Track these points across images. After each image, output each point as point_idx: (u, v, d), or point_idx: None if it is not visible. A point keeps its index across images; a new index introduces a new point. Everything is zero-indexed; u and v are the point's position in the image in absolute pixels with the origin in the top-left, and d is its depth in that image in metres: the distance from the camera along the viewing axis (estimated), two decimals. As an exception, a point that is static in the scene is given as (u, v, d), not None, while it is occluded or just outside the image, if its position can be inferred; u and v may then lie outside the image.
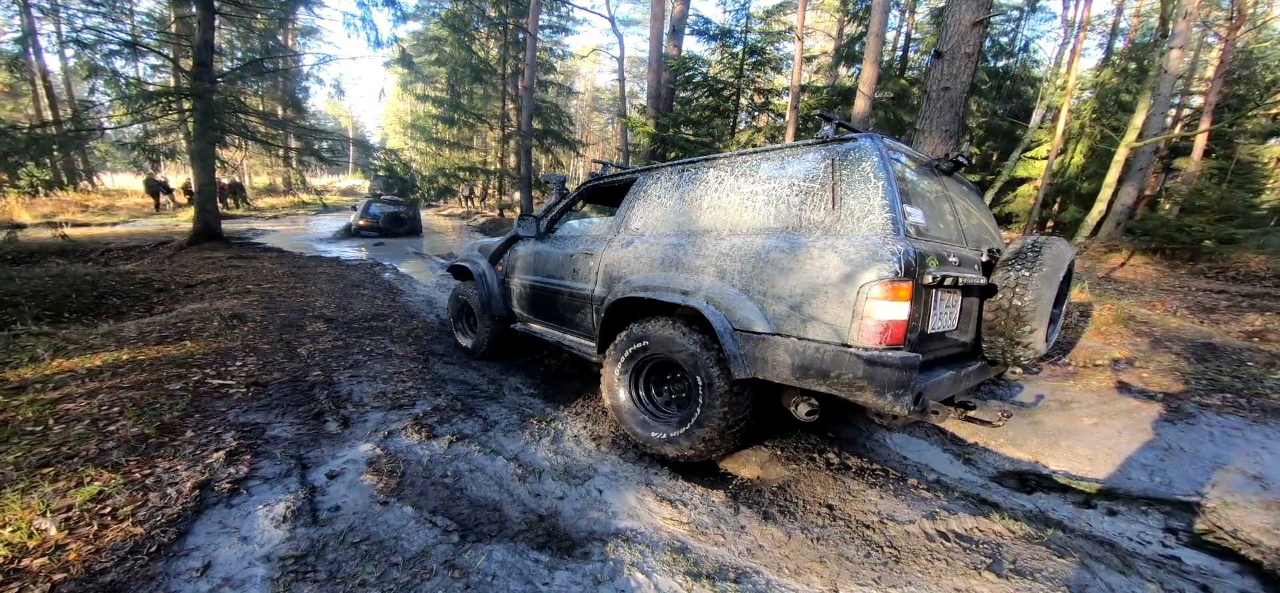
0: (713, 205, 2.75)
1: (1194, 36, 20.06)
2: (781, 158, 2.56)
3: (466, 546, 1.90)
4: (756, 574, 1.93)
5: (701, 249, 2.63)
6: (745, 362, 2.32)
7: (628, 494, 2.44)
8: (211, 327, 4.17)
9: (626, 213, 3.24)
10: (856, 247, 2.06)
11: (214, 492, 2.03)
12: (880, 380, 1.97)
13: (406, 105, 30.39)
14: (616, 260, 3.09)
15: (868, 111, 7.68)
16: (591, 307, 3.23)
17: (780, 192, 2.46)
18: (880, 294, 1.95)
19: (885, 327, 1.97)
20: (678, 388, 2.93)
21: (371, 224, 15.12)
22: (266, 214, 20.48)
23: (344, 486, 2.21)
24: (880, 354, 1.96)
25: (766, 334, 2.25)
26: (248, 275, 6.91)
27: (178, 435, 2.41)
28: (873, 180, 2.18)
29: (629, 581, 1.83)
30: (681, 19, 13.89)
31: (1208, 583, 2.01)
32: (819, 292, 2.11)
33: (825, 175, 2.32)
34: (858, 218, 2.15)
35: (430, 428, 2.84)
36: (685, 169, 3.03)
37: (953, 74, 5.56)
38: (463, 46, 19.72)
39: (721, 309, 2.42)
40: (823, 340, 2.09)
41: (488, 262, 4.34)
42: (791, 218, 2.37)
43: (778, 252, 2.30)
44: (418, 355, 4.23)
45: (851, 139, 2.34)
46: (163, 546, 1.70)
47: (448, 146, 25.15)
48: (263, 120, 13.20)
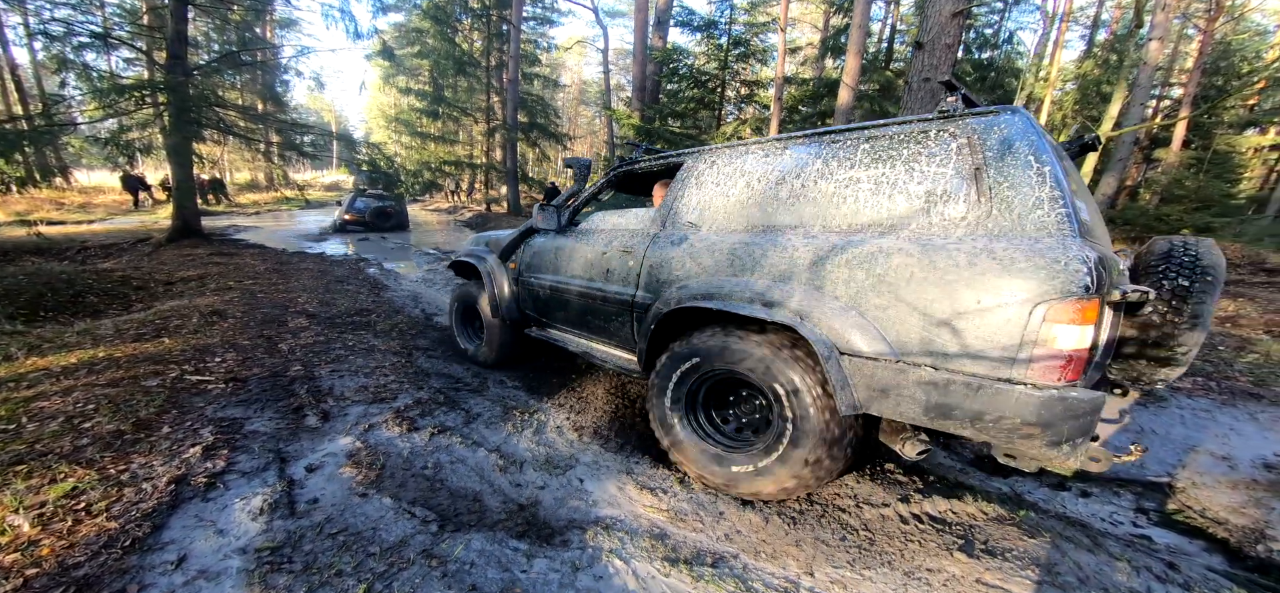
0: (797, 195, 2.28)
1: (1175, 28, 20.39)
2: (891, 137, 2.09)
3: (445, 535, 1.91)
4: (734, 559, 1.96)
5: (786, 250, 2.18)
6: (857, 394, 1.90)
7: (609, 483, 2.46)
8: (190, 323, 4.13)
9: (675, 203, 2.78)
10: (1027, 252, 1.61)
11: (190, 486, 2.02)
12: (1058, 426, 1.57)
13: (389, 98, 30.05)
14: (665, 260, 2.62)
15: (852, 103, 7.73)
16: (631, 314, 2.80)
17: (895, 179, 2.01)
18: (1066, 315, 1.52)
19: (1068, 358, 1.55)
20: (748, 407, 2.52)
21: (357, 219, 14.89)
22: (248, 210, 20.18)
23: (322, 478, 2.21)
24: (1061, 394, 1.55)
25: (888, 360, 1.83)
26: (229, 272, 6.82)
27: (154, 432, 2.39)
28: (1035, 165, 1.72)
29: (607, 567, 1.85)
30: (666, 10, 13.87)
31: (1175, 561, 2.08)
32: (970, 310, 1.67)
33: (961, 159, 1.87)
34: (1019, 214, 1.70)
35: (412, 421, 2.84)
36: (751, 150, 2.58)
37: (933, 65, 5.62)
38: (445, 39, 19.51)
39: (823, 327, 1.97)
40: (975, 374, 1.67)
41: (497, 258, 3.88)
42: (916, 212, 1.91)
43: (903, 256, 1.84)
44: (401, 350, 4.22)
45: (992, 112, 1.89)
46: (137, 540, 1.70)
47: (432, 140, 24.92)
48: (241, 114, 12.98)
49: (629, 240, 2.91)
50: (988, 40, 20.13)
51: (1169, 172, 14.96)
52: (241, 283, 6.16)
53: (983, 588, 1.85)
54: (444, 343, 4.64)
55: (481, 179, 24.96)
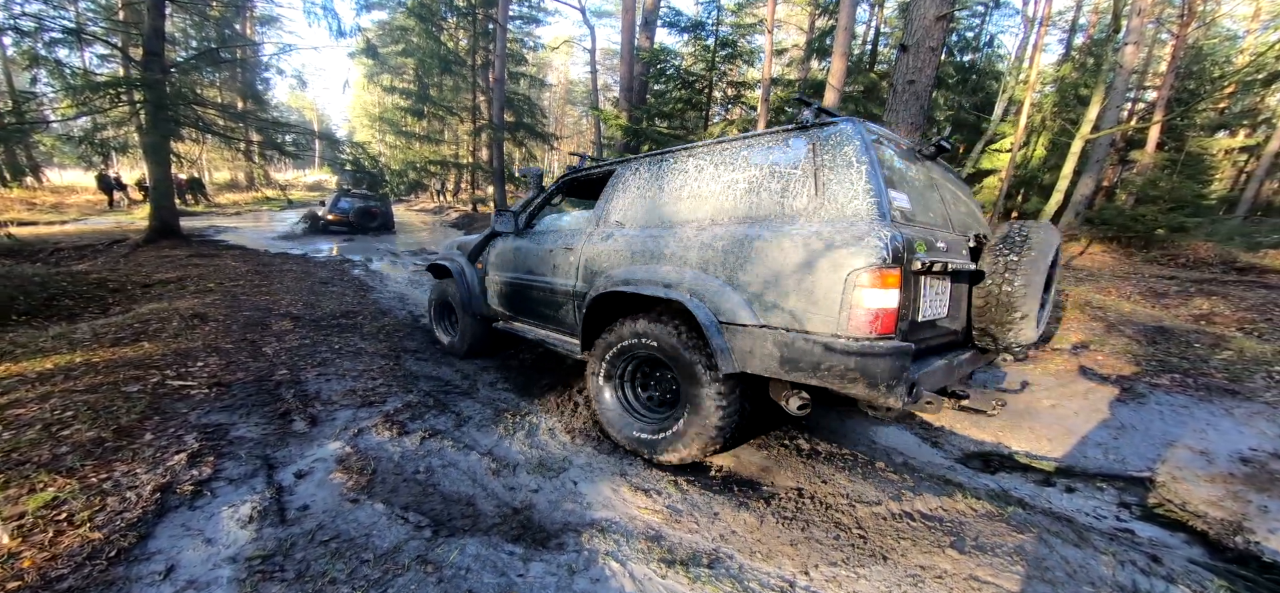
0: (693, 195, 2.66)
1: (1149, 33, 20.89)
2: (762, 144, 2.47)
3: (439, 541, 1.89)
4: (729, 559, 1.97)
5: (683, 240, 2.55)
6: (732, 356, 2.25)
7: (602, 485, 2.45)
8: (170, 327, 4.03)
9: (606, 205, 3.14)
10: (841, 233, 2.00)
11: (176, 495, 1.98)
12: (873, 372, 1.91)
13: (373, 97, 29.68)
14: (596, 254, 2.99)
15: (838, 105, 7.79)
16: (573, 303, 3.14)
17: (762, 179, 2.38)
18: (868, 281, 1.89)
19: (875, 316, 1.91)
20: (665, 386, 2.82)
21: (341, 219, 14.59)
22: (228, 210, 19.79)
23: (312, 485, 2.18)
24: (871, 344, 1.91)
25: (753, 326, 2.19)
26: (209, 274, 6.68)
27: (136, 439, 2.33)
28: (855, 165, 2.11)
29: (603, 569, 1.84)
30: (654, 11, 13.87)
31: (1157, 553, 2.12)
32: (805, 281, 2.05)
33: (807, 161, 2.25)
34: (841, 204, 2.10)
35: (402, 425, 2.81)
36: (664, 159, 2.93)
37: (917, 67, 5.69)
38: (431, 37, 19.30)
39: (706, 302, 2.33)
40: (811, 331, 2.03)
41: (466, 259, 4.25)
42: (774, 205, 2.30)
43: (761, 241, 2.22)
44: (389, 352, 4.17)
45: (832, 123, 2.26)
46: (123, 550, 1.65)
47: (417, 140, 24.63)
48: (221, 113, 12.75)
49: (570, 239, 3.25)
50: (969, 44, 20.44)
51: (1144, 173, 15.32)
52: (223, 285, 6.04)
53: (975, 583, 1.87)
54: (433, 345, 4.60)
55: (467, 179, 24.76)
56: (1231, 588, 1.93)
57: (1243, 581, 1.99)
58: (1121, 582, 1.96)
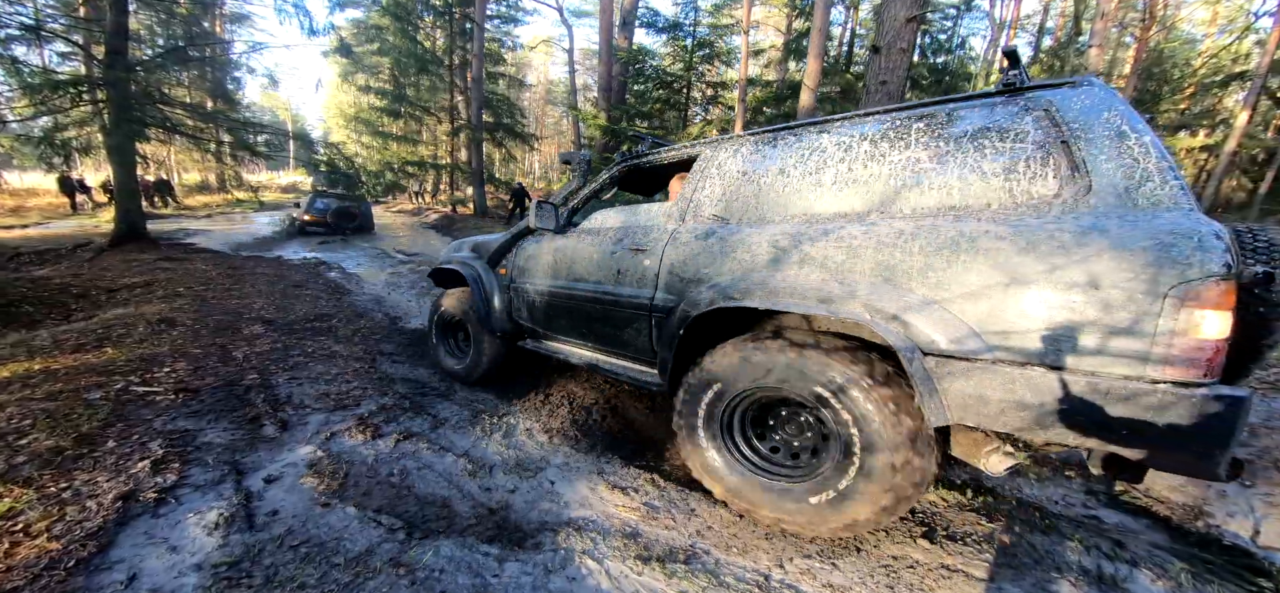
0: (845, 180, 2.07)
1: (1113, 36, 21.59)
2: (947, 115, 1.93)
3: (413, 543, 1.88)
4: (706, 554, 1.99)
5: (843, 240, 1.93)
6: (945, 402, 1.66)
7: (580, 484, 2.45)
8: (136, 332, 3.92)
9: (695, 196, 2.53)
10: (1151, 232, 1.41)
11: (139, 502, 1.93)
12: (1206, 432, 1.34)
13: (349, 97, 29.20)
14: (689, 257, 2.36)
15: (813, 105, 7.91)
16: (648, 320, 2.52)
17: (963, 158, 1.81)
18: (1209, 299, 1.32)
19: (1213, 350, 1.33)
20: (795, 429, 2.22)
21: (318, 220, 14.23)
22: (199, 213, 19.30)
23: (282, 490, 2.14)
24: (1213, 393, 1.32)
25: (983, 361, 1.59)
26: (178, 278, 6.51)
27: (98, 446, 2.27)
28: (1131, 135, 1.56)
29: (580, 568, 1.85)
30: (632, 11, 13.90)
31: (1122, 538, 2.20)
32: (1083, 297, 1.46)
33: (1038, 132, 1.70)
34: (1125, 190, 1.52)
35: (376, 427, 2.77)
36: (779, 136, 2.38)
37: (890, 68, 5.79)
38: (406, 36, 19.07)
39: (899, 323, 1.73)
40: (1097, 372, 1.45)
41: (485, 264, 3.56)
42: (994, 193, 1.72)
43: (990, 239, 1.62)
44: (364, 355, 4.11)
45: (1072, 83, 1.73)
46: (82, 560, 1.61)
47: (394, 140, 24.31)
48: (189, 113, 12.41)
49: (643, 238, 2.61)
50: (942, 45, 20.90)
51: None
52: (192, 289, 5.89)
53: (946, 572, 1.92)
54: (410, 348, 4.54)
55: (446, 180, 24.51)
56: (1192, 570, 2.01)
57: (1202, 563, 2.07)
58: (1087, 566, 2.03)
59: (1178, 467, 1.50)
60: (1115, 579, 1.97)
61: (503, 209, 20.70)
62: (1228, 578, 1.99)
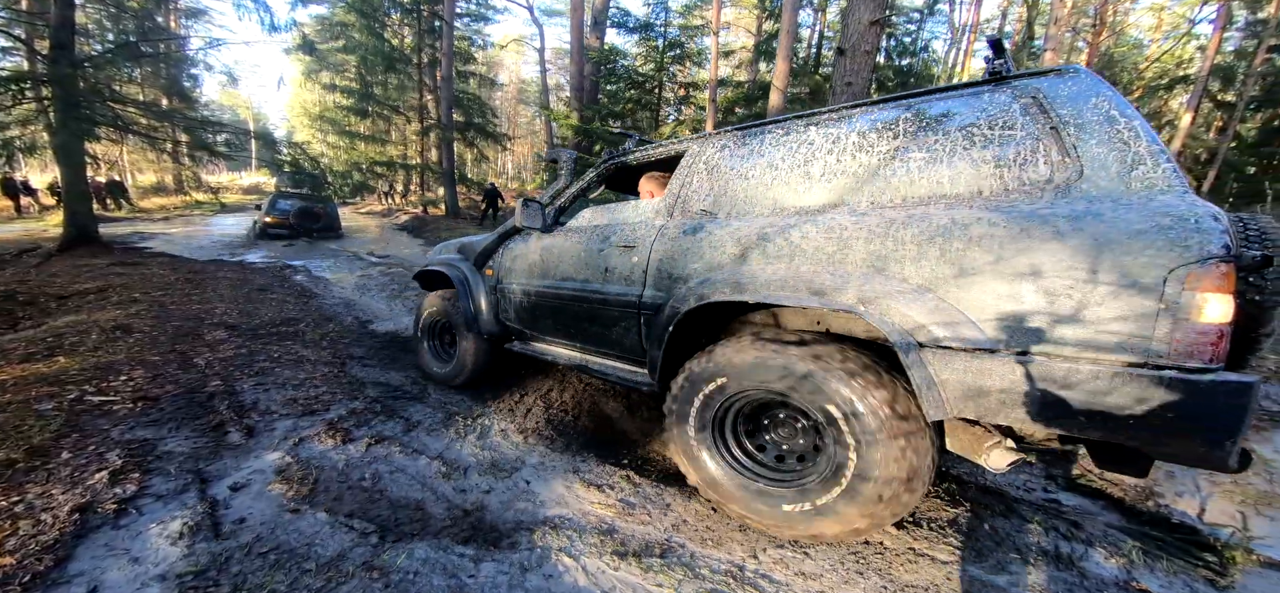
0: (834, 172, 2.06)
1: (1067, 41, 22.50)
2: (933, 103, 1.93)
3: (386, 546, 1.86)
4: (681, 548, 2.02)
5: (832, 230, 1.91)
6: (943, 394, 1.63)
7: (556, 483, 2.46)
8: (90, 340, 3.77)
9: (682, 192, 2.51)
10: (1148, 215, 1.39)
11: (98, 514, 1.86)
12: (1217, 420, 1.31)
13: (313, 95, 28.43)
14: (676, 253, 2.35)
15: (783, 105, 8.04)
16: (638, 318, 2.50)
17: (950, 146, 1.81)
18: (1210, 282, 1.29)
19: (1218, 335, 1.30)
20: (787, 431, 2.21)
21: (281, 222, 13.62)
22: (155, 216, 18.53)
23: (249, 497, 2.09)
24: (1221, 380, 1.29)
25: (982, 352, 1.56)
26: (134, 284, 6.25)
27: (51, 458, 2.18)
28: (1120, 120, 1.55)
29: (556, 565, 1.86)
30: (603, 11, 13.90)
31: (1079, 519, 2.32)
32: (1082, 284, 1.44)
33: (1027, 119, 1.69)
34: (1116, 176, 1.51)
35: (346, 432, 2.73)
36: (767, 130, 2.37)
37: (854, 70, 5.94)
38: (373, 34, 18.66)
39: (893, 315, 1.70)
40: (1099, 360, 1.41)
41: (471, 265, 3.53)
42: (985, 180, 1.71)
43: (983, 227, 1.60)
44: (333, 359, 4.03)
45: (1058, 71, 1.73)
46: (38, 574, 1.55)
47: (362, 140, 23.78)
48: (142, 110, 11.92)
49: (630, 235, 2.59)
50: (907, 48, 21.50)
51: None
52: (149, 295, 5.67)
53: (913, 556, 2.00)
54: (382, 352, 4.47)
55: (417, 180, 24.08)
56: (1144, 547, 2.13)
57: (1153, 540, 2.20)
58: (1046, 546, 2.13)
59: (1186, 458, 1.48)
60: (1072, 558, 2.08)
61: (475, 210, 20.44)
62: (1176, 554, 2.12)
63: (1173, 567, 2.06)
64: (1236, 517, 2.40)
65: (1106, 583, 1.94)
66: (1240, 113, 20.02)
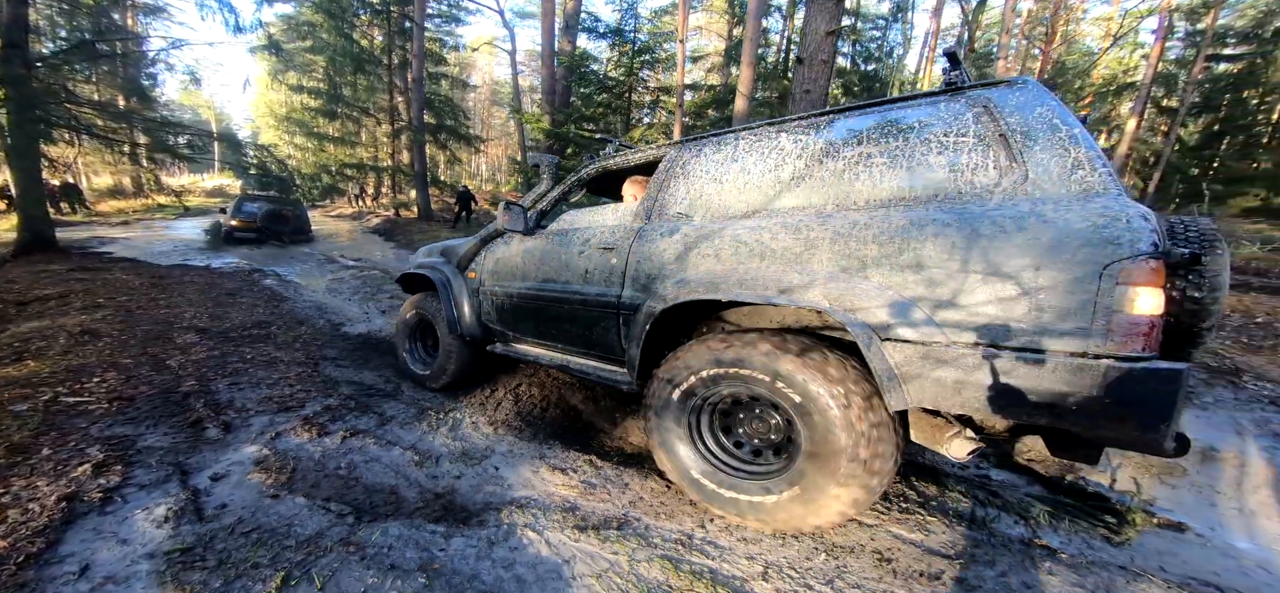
0: (802, 176, 2.16)
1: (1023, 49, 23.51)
2: (894, 111, 2.04)
3: (362, 525, 2.01)
4: (637, 521, 2.21)
5: (799, 231, 2.03)
6: (904, 385, 1.73)
7: (523, 468, 2.64)
8: (58, 344, 3.78)
9: (660, 195, 2.60)
10: (1085, 215, 1.51)
11: (84, 502, 1.97)
12: (1150, 405, 1.42)
13: (279, 96, 27.84)
14: (654, 254, 2.44)
15: (748, 110, 8.33)
16: (617, 318, 2.59)
17: (908, 151, 1.92)
18: (1142, 277, 1.41)
19: (1149, 326, 1.42)
20: (760, 425, 2.29)
21: (248, 225, 13.25)
22: (113, 220, 17.97)
23: (229, 486, 2.22)
24: (1149, 367, 1.40)
25: (939, 344, 1.67)
26: (97, 289, 6.17)
27: (32, 454, 2.26)
28: (1062, 127, 1.66)
29: (521, 539, 2.04)
30: (574, 15, 14.05)
31: (1000, 491, 2.60)
32: (1027, 279, 1.55)
33: (979, 127, 1.80)
34: (1058, 177, 1.62)
35: (322, 426, 2.85)
36: (740, 136, 2.46)
37: (812, 78, 6.24)
38: (341, 34, 18.44)
39: (857, 311, 1.81)
40: (1045, 350, 1.52)
41: (454, 268, 3.60)
42: (941, 184, 1.81)
43: (936, 227, 1.72)
44: (306, 360, 4.11)
45: (1008, 82, 1.85)
46: (31, 556, 1.66)
47: (331, 142, 23.42)
48: (99, 112, 11.61)
49: (610, 237, 2.67)
50: (872, 55, 22.16)
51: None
52: (114, 300, 5.62)
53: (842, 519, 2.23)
54: (355, 353, 4.56)
55: (388, 183, 23.81)
56: (1050, 511, 2.41)
57: (1064, 507, 2.47)
58: (963, 510, 2.40)
59: (1127, 442, 1.58)
60: (985, 520, 2.35)
61: (449, 212, 20.34)
62: (1081, 517, 2.40)
63: (1075, 527, 2.35)
64: (1138, 484, 2.72)
65: (1012, 541, 2.21)
66: (1181, 118, 21.22)
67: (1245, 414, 3.53)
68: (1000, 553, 2.08)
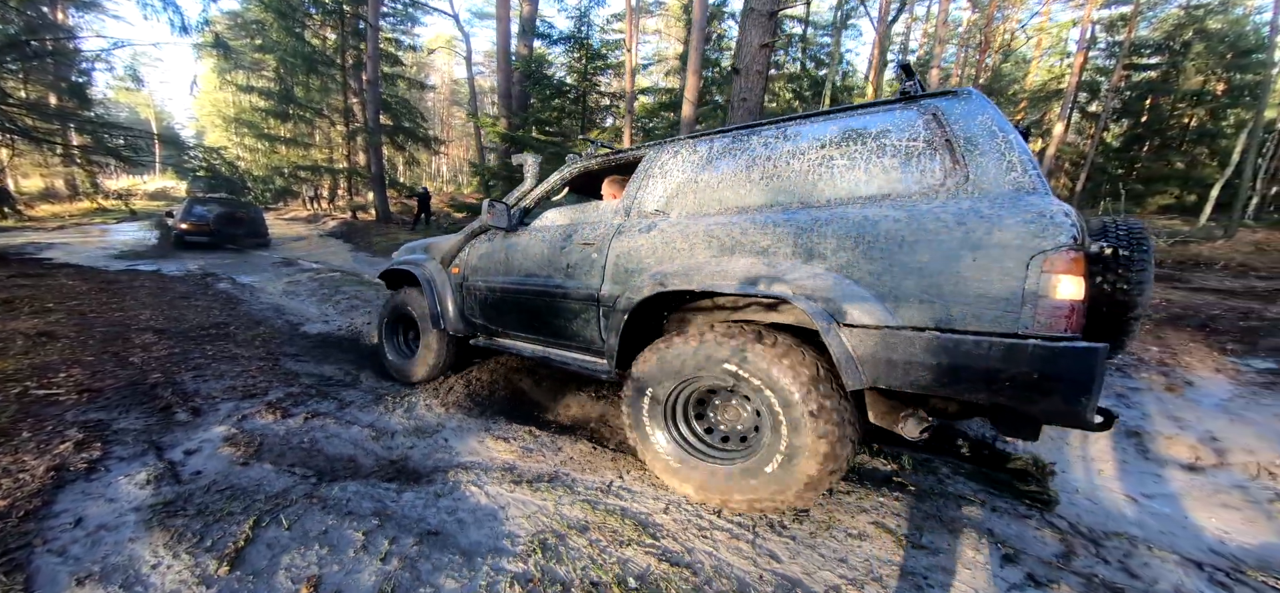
0: (769, 175, 2.34)
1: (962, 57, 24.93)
2: (854, 118, 2.23)
3: (324, 484, 2.33)
4: (566, 475, 2.60)
5: (766, 226, 2.21)
6: (860, 367, 1.89)
7: (470, 439, 2.99)
8: (16, 345, 3.90)
9: (638, 193, 2.76)
10: (1017, 210, 1.69)
11: (71, 472, 2.23)
12: (1072, 381, 1.58)
13: (227, 96, 26.98)
14: (633, 249, 2.60)
15: (693, 116, 8.81)
16: (596, 311, 2.74)
17: (866, 154, 2.10)
18: (1063, 266, 1.58)
19: (1070, 310, 1.59)
20: (730, 414, 2.46)
21: (200, 228, 12.90)
22: (48, 224, 17.23)
23: (202, 458, 2.50)
24: (1070, 346, 1.57)
25: (889, 327, 1.83)
26: (42, 294, 6.15)
27: (14, 437, 2.48)
28: (999, 134, 1.86)
29: (464, 493, 2.39)
30: (531, 20, 14.31)
31: (909, 452, 3.08)
32: (966, 268, 1.72)
33: (928, 132, 1.99)
34: (995, 178, 1.81)
35: (285, 409, 3.13)
36: (715, 138, 2.64)
37: (748, 88, 6.76)
38: (292, 34, 18.15)
39: (818, 299, 1.98)
40: (981, 332, 1.69)
41: (438, 264, 3.73)
42: (894, 183, 2.00)
43: (890, 222, 1.90)
44: (266, 356, 4.33)
45: (954, 93, 2.04)
46: (30, 512, 1.93)
47: (283, 143, 22.91)
48: (28, 111, 11.23)
49: (590, 233, 2.83)
50: (822, 62, 23.13)
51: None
52: (64, 304, 5.65)
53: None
54: (314, 350, 4.77)
55: (344, 185, 23.44)
56: (954, 467, 2.88)
57: (966, 460, 2.95)
58: (881, 468, 2.86)
59: (1055, 416, 1.74)
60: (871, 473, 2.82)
61: (407, 214, 20.24)
62: (981, 468, 2.91)
63: (969, 472, 2.85)
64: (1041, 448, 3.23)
65: (881, 473, 2.71)
66: (1104, 123, 22.91)
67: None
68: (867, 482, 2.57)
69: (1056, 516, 2.51)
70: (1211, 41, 20.44)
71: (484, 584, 1.77)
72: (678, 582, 1.83)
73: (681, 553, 2.00)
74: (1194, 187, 19.51)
